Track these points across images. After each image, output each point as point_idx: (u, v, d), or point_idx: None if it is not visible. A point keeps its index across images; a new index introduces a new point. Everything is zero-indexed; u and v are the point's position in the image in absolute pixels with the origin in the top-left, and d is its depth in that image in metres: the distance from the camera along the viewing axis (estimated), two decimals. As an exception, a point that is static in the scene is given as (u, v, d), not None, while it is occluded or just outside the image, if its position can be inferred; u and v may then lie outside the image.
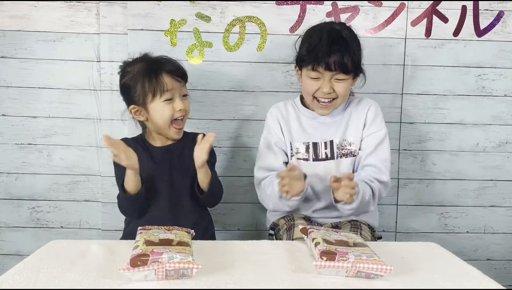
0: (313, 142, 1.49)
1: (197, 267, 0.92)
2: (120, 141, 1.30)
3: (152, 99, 1.34)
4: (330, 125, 1.50)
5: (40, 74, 1.72)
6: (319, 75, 1.39)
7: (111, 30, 1.69)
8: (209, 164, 1.41)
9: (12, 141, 1.75)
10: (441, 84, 1.77)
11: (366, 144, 1.47)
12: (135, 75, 1.35)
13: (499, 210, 1.85)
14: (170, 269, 0.91)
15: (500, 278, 1.68)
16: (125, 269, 0.89)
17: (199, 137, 1.33)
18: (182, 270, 0.91)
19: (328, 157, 1.48)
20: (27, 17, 1.69)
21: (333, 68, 1.35)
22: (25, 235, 1.79)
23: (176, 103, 1.36)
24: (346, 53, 1.35)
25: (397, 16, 1.72)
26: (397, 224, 1.84)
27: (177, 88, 1.36)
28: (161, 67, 1.35)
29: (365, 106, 1.50)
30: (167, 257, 0.91)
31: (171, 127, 1.38)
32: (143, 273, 0.90)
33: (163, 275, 0.91)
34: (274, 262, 1.05)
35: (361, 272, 0.95)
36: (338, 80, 1.39)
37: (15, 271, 0.95)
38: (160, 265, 0.90)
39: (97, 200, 1.78)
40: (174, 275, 0.92)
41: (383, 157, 1.45)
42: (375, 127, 1.48)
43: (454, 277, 0.98)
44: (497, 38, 1.75)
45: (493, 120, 1.80)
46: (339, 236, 1.10)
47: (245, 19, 1.70)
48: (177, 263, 0.91)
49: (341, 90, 1.40)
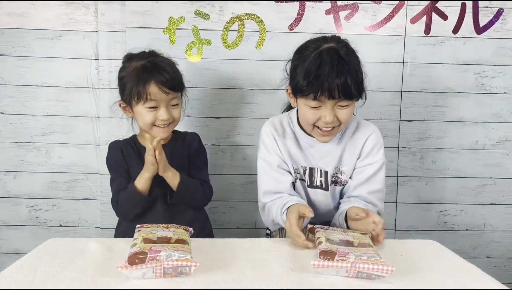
0: (310, 167, 1.39)
1: (195, 265, 0.91)
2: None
3: (136, 103, 1.32)
4: (325, 153, 1.38)
5: (38, 72, 1.71)
6: (320, 104, 1.23)
7: (110, 28, 1.68)
8: (199, 163, 1.42)
9: (10, 139, 1.75)
10: (440, 81, 1.77)
11: (359, 175, 1.35)
12: (129, 75, 1.33)
13: (498, 207, 1.85)
14: (168, 267, 0.90)
15: (500, 276, 1.69)
16: (123, 267, 0.89)
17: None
18: (180, 268, 0.91)
19: (323, 187, 1.39)
20: (25, 14, 1.68)
21: (337, 95, 1.20)
22: (23, 233, 1.78)
23: (160, 112, 1.32)
24: (349, 76, 1.19)
25: (397, 14, 1.72)
26: (396, 222, 1.84)
27: (163, 99, 1.32)
28: (151, 77, 1.30)
29: (365, 134, 1.36)
30: (165, 255, 0.91)
31: (153, 128, 1.35)
32: (141, 271, 0.90)
33: (161, 273, 0.91)
34: (273, 260, 1.04)
35: (361, 273, 0.94)
36: (341, 107, 1.24)
37: (12, 269, 0.95)
38: (158, 263, 0.90)
39: (95, 198, 1.78)
40: (172, 273, 0.92)
41: (374, 189, 1.34)
42: (371, 159, 1.35)
43: (453, 275, 0.98)
44: (497, 36, 1.75)
45: (493, 117, 1.80)
46: (346, 236, 1.09)
47: (244, 16, 1.69)
48: (175, 261, 0.90)
49: (344, 116, 1.25)
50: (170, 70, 1.34)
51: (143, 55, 1.37)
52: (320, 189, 1.39)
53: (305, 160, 1.38)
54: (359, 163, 1.36)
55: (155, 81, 1.30)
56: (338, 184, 1.39)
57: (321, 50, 1.22)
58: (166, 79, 1.31)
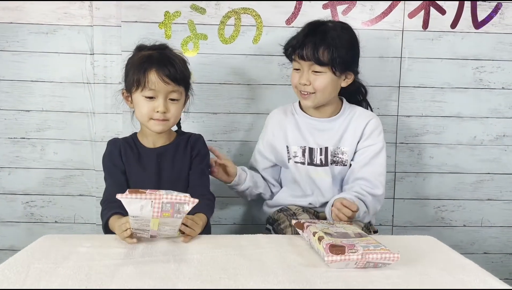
0: (309, 147, 1.48)
1: (193, 201, 0.93)
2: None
3: (135, 90, 1.30)
4: (326, 131, 1.49)
5: (32, 67, 1.69)
6: (298, 66, 1.42)
7: (105, 22, 1.66)
8: (203, 167, 1.40)
9: (5, 135, 1.73)
10: (438, 76, 1.76)
11: (361, 157, 1.45)
12: (134, 62, 1.32)
13: (496, 203, 1.84)
14: (166, 201, 0.92)
15: (497, 272, 1.66)
16: (123, 195, 0.90)
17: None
18: (178, 204, 0.92)
19: (323, 164, 1.48)
20: (19, 9, 1.66)
21: (305, 57, 1.37)
22: (19, 229, 1.77)
23: (157, 103, 1.29)
24: (323, 42, 1.35)
25: (394, 8, 1.70)
26: (394, 217, 1.83)
27: (162, 90, 1.28)
28: (153, 65, 1.28)
29: (365, 119, 1.47)
30: (164, 191, 0.94)
31: (150, 121, 1.31)
32: (140, 202, 0.91)
33: (159, 208, 0.92)
34: (270, 256, 1.04)
35: (370, 263, 0.95)
36: (315, 73, 1.39)
37: (5, 266, 0.94)
38: (158, 197, 0.92)
39: (91, 195, 1.76)
40: (169, 210, 0.93)
41: (377, 171, 1.44)
42: (372, 141, 1.45)
43: (451, 271, 0.97)
44: (495, 30, 1.73)
45: (491, 113, 1.79)
46: (337, 228, 1.10)
47: (240, 11, 1.67)
48: (174, 196, 0.92)
49: (317, 83, 1.39)
50: (177, 64, 1.31)
51: (154, 46, 1.36)
52: (321, 166, 1.47)
53: (306, 141, 1.49)
54: (361, 145, 1.46)
55: (156, 69, 1.27)
56: (338, 163, 1.47)
57: (312, 22, 1.43)
58: (168, 70, 1.28)
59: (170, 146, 1.39)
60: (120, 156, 1.36)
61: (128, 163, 1.36)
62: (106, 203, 1.28)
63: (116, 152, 1.37)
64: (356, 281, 0.91)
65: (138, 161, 1.36)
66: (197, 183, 1.37)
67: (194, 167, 1.39)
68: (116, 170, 1.35)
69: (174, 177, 1.37)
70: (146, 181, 1.34)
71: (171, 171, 1.37)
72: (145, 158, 1.37)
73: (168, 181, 1.36)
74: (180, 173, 1.37)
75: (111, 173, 1.36)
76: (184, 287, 0.86)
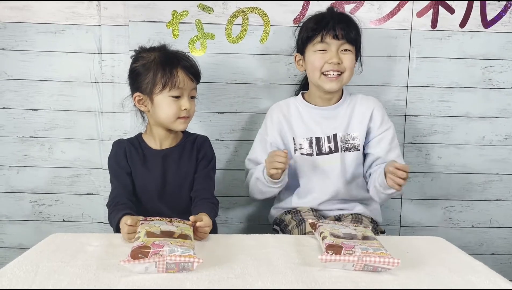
0: (316, 137, 1.48)
1: (198, 261, 0.91)
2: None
3: (160, 91, 1.29)
4: (332, 119, 1.50)
5: (40, 66, 1.70)
6: (326, 47, 1.42)
7: (112, 22, 1.67)
8: (208, 170, 1.39)
9: (13, 134, 1.74)
10: (447, 76, 1.74)
11: (381, 143, 1.47)
12: (150, 62, 1.31)
13: (504, 204, 1.83)
14: (170, 262, 0.90)
15: (506, 273, 1.64)
16: (126, 261, 0.89)
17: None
18: (183, 263, 0.91)
19: (332, 151, 1.47)
20: (27, 8, 1.67)
21: (340, 36, 1.40)
22: (27, 228, 1.78)
23: (183, 102, 1.31)
24: (350, 24, 1.43)
25: (403, 7, 1.69)
26: (402, 218, 1.82)
27: (187, 87, 1.31)
28: (179, 62, 1.31)
29: (370, 105, 1.50)
30: (168, 250, 0.90)
31: (177, 120, 1.32)
32: (144, 265, 0.89)
33: (163, 268, 0.90)
34: (277, 256, 1.03)
35: (368, 266, 0.93)
36: (344, 52, 1.42)
37: (14, 264, 0.94)
38: (161, 258, 0.89)
39: (99, 193, 1.77)
40: (174, 268, 0.91)
41: (398, 153, 1.48)
42: (386, 125, 1.49)
43: (460, 272, 0.97)
44: (505, 30, 1.72)
45: (500, 113, 1.77)
46: (348, 229, 1.09)
47: (248, 10, 1.67)
48: (178, 256, 0.90)
49: (348, 62, 1.42)
50: (190, 58, 1.36)
51: (157, 48, 1.37)
52: (330, 154, 1.47)
53: (312, 132, 1.49)
54: (376, 131, 1.48)
55: (182, 67, 1.30)
56: (351, 149, 1.48)
57: (325, 11, 1.51)
58: (191, 65, 1.33)
59: (176, 148, 1.39)
60: (125, 157, 1.36)
61: (133, 165, 1.36)
62: (113, 205, 1.28)
63: (121, 153, 1.37)
64: (365, 281, 0.90)
65: (143, 163, 1.36)
66: (202, 187, 1.37)
67: (200, 171, 1.39)
68: (122, 172, 1.35)
69: (179, 180, 1.37)
70: (151, 183, 1.35)
71: (176, 173, 1.37)
72: (150, 160, 1.37)
73: (172, 183, 1.36)
74: (185, 176, 1.37)
75: (117, 175, 1.36)
76: (192, 286, 0.86)
